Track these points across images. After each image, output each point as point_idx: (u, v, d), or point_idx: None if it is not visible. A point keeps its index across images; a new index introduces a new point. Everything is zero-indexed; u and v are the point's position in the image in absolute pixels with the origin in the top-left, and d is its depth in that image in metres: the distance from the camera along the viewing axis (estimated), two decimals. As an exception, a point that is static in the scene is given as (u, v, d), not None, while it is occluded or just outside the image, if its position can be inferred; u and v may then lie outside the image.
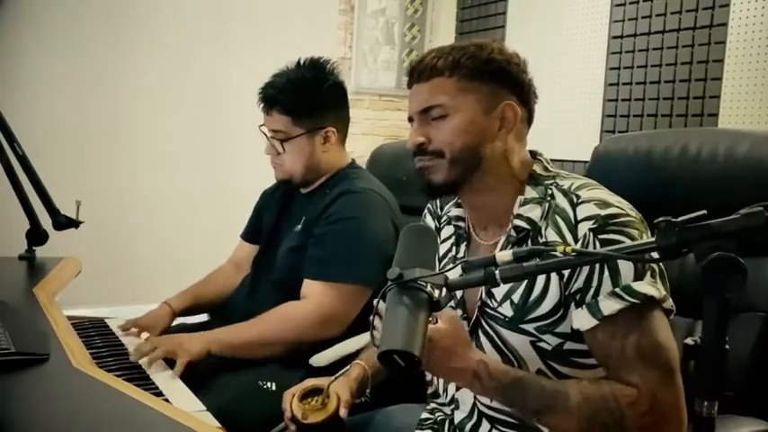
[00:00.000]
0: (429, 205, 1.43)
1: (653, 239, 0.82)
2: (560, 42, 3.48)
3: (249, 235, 2.05)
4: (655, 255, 0.84)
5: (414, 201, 2.14)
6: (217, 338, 1.62)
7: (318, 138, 1.79)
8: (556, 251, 0.88)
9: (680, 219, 0.79)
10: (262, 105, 1.79)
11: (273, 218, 1.93)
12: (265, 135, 1.80)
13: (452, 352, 1.05)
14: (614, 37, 3.23)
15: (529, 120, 1.24)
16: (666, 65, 3.01)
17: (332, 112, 1.81)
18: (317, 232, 1.72)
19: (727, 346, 0.77)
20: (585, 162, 2.50)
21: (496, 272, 0.90)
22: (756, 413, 1.22)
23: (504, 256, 0.91)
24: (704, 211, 0.79)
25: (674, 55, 2.98)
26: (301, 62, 1.82)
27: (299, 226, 1.78)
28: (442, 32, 4.31)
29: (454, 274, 0.99)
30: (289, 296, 1.70)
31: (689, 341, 0.79)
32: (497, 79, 1.19)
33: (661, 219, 0.80)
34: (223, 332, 1.66)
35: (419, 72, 1.21)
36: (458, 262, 0.98)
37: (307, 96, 1.76)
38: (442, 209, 1.39)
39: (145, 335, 1.73)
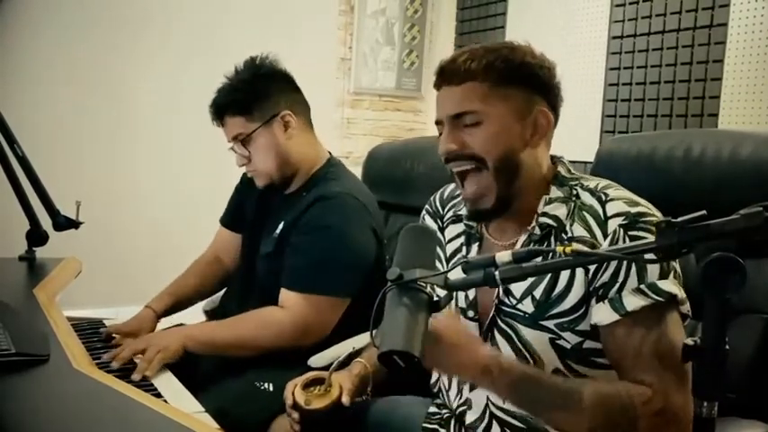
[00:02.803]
0: (427, 206, 1.43)
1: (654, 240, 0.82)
2: (560, 43, 3.47)
3: (229, 221, 2.03)
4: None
5: (413, 200, 2.14)
6: (192, 335, 1.59)
7: (277, 126, 1.74)
8: (554, 252, 0.88)
9: (680, 219, 0.79)
10: (215, 122, 1.78)
11: (254, 218, 1.91)
12: (234, 150, 1.77)
13: (459, 346, 1.04)
14: (614, 37, 3.23)
15: (555, 124, 1.24)
16: (666, 65, 3.01)
17: (279, 96, 1.76)
18: (294, 241, 1.69)
19: (728, 347, 0.77)
20: (585, 162, 2.50)
21: (496, 273, 0.90)
22: (758, 416, 1.22)
23: (503, 256, 0.91)
24: (704, 212, 0.79)
25: (673, 55, 2.98)
26: (237, 66, 1.78)
27: (277, 231, 1.75)
28: (442, 33, 4.31)
29: (455, 274, 0.99)
30: (272, 300, 1.68)
31: (689, 341, 0.79)
32: (530, 84, 1.18)
33: (661, 219, 0.80)
34: (201, 329, 1.66)
35: (450, 74, 1.17)
36: (458, 262, 0.98)
37: (248, 89, 1.73)
38: (443, 207, 1.38)
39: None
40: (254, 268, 1.83)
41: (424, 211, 1.43)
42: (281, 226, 1.75)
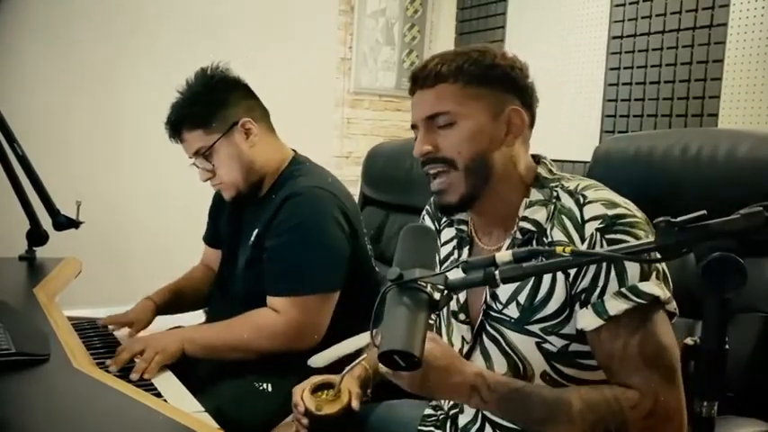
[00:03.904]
0: (427, 206, 1.43)
1: (653, 240, 0.82)
2: (560, 42, 3.48)
3: (210, 239, 2.03)
4: (655, 255, 0.84)
5: (413, 200, 2.15)
6: (191, 338, 1.60)
7: (238, 134, 1.71)
8: (555, 252, 0.88)
9: (680, 219, 0.79)
10: (173, 139, 1.75)
11: (229, 229, 1.89)
12: (196, 166, 1.74)
13: (448, 369, 1.05)
14: (614, 37, 3.23)
15: (531, 124, 1.24)
16: (666, 65, 3.01)
17: (236, 104, 1.74)
18: (270, 245, 1.67)
19: (727, 347, 0.77)
20: (585, 162, 2.51)
21: (496, 272, 0.90)
22: (757, 414, 1.22)
23: (503, 256, 0.90)
24: (704, 211, 0.79)
25: (673, 55, 2.98)
26: (188, 80, 1.76)
27: (252, 239, 1.73)
28: (442, 33, 4.31)
29: (455, 274, 0.99)
30: (254, 308, 1.66)
31: (689, 341, 0.79)
32: (502, 84, 1.18)
33: (661, 219, 0.80)
34: (198, 332, 1.65)
35: (423, 78, 1.19)
36: (457, 263, 0.98)
37: (202, 101, 1.71)
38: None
39: (124, 330, 1.73)
40: (232, 279, 1.82)
41: (424, 212, 1.44)
42: (255, 233, 1.73)
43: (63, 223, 1.99)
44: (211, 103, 1.71)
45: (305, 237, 1.64)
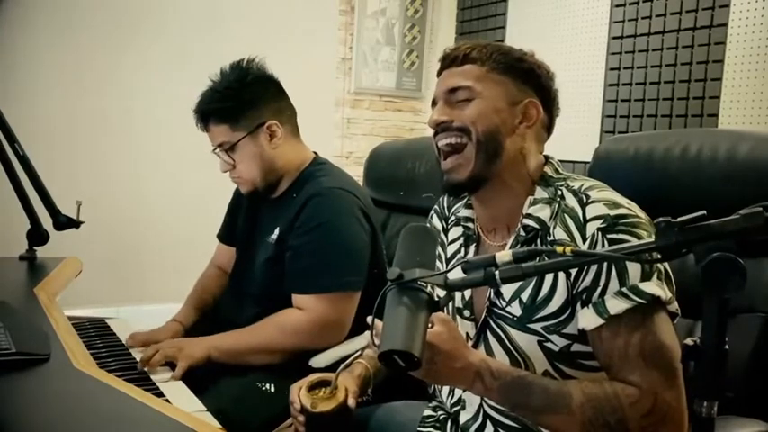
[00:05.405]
0: (436, 206, 1.44)
1: (653, 240, 0.82)
2: (560, 43, 3.48)
3: (225, 237, 2.03)
4: (656, 255, 0.84)
5: (415, 200, 2.15)
6: (216, 345, 1.62)
7: (263, 135, 1.72)
8: (555, 252, 0.88)
9: (680, 219, 0.79)
10: (199, 125, 1.75)
11: (246, 226, 1.90)
12: (218, 156, 1.75)
13: (454, 354, 1.05)
14: (614, 38, 3.23)
15: (549, 129, 1.27)
16: (666, 65, 3.01)
17: (266, 105, 1.74)
18: (294, 244, 1.68)
19: (727, 347, 0.77)
20: (585, 163, 2.51)
21: (496, 272, 0.90)
22: (756, 414, 1.22)
23: (503, 256, 0.91)
24: (704, 212, 0.79)
25: (673, 56, 2.98)
26: (223, 70, 1.76)
27: (274, 236, 1.74)
28: (443, 33, 4.31)
29: (455, 274, 0.99)
30: (269, 308, 1.68)
31: (689, 341, 0.79)
32: (525, 78, 1.23)
33: (660, 219, 0.80)
34: (223, 338, 1.65)
35: (452, 58, 1.24)
36: (458, 262, 0.98)
37: (234, 97, 1.70)
38: (449, 209, 1.39)
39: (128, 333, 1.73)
40: (247, 278, 1.82)
41: (432, 211, 1.45)
42: (277, 231, 1.74)
43: (63, 223, 1.99)
44: (242, 101, 1.71)
45: (329, 236, 1.66)
